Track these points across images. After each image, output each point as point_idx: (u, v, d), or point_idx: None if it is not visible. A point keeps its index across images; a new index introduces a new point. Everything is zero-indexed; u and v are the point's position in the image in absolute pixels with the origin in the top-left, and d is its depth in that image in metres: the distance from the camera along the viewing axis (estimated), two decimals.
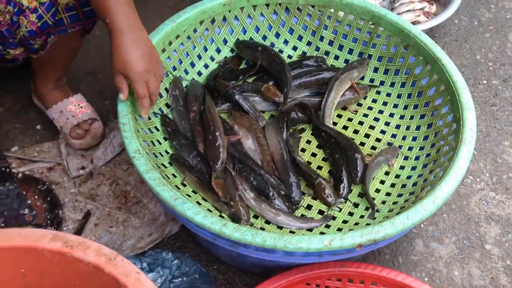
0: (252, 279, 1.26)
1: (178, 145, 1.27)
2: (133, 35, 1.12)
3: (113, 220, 1.33)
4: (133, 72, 1.11)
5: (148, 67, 1.13)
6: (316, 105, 1.39)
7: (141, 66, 1.12)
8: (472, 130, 1.15)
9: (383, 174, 1.28)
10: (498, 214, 1.42)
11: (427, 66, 1.35)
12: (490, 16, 1.99)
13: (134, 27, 1.14)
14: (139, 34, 1.14)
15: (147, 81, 1.14)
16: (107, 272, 0.97)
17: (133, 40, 1.12)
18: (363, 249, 1.02)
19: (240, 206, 1.15)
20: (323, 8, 1.47)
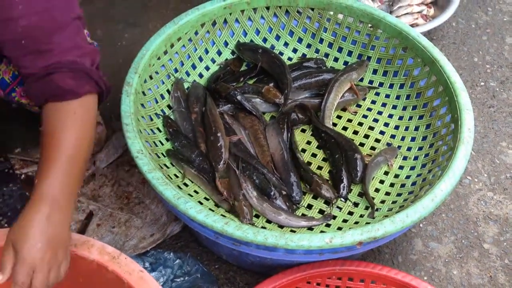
0: (253, 278, 1.28)
1: (180, 145, 1.28)
2: (53, 212, 0.86)
3: (115, 221, 1.34)
4: (25, 252, 0.82)
5: (48, 257, 0.84)
6: (316, 106, 1.40)
7: (40, 251, 0.83)
8: (470, 130, 1.17)
9: (382, 174, 1.30)
10: (496, 214, 1.44)
11: (426, 68, 1.36)
12: (488, 19, 2.01)
13: (61, 205, 0.87)
14: (61, 215, 0.87)
15: (35, 273, 0.83)
16: (111, 270, 0.98)
17: (49, 217, 0.85)
18: (363, 247, 1.03)
19: (244, 205, 1.17)
20: (322, 11, 1.49)
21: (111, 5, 1.98)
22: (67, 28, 0.95)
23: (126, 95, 1.21)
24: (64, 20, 0.95)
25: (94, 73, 0.98)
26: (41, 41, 0.93)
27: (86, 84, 0.96)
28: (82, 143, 0.94)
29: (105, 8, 1.54)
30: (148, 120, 1.29)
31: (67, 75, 0.94)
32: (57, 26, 0.94)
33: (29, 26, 0.92)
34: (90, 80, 0.97)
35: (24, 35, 0.92)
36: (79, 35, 0.99)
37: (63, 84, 0.93)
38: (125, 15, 1.94)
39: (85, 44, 1.00)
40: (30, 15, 0.91)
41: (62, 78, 0.94)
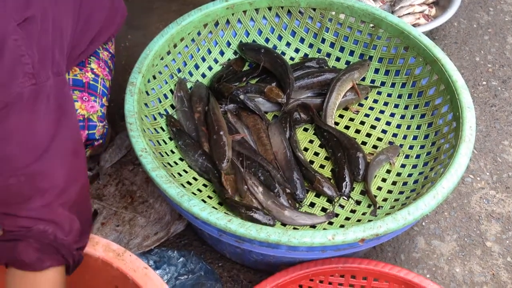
0: (256, 276, 1.28)
1: (183, 144, 1.29)
2: None
3: (119, 219, 1.35)
4: None
5: None
6: (318, 106, 1.41)
7: None
8: (472, 128, 1.18)
9: (384, 172, 1.30)
10: (498, 212, 1.44)
11: (427, 67, 1.37)
12: (489, 18, 2.01)
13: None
14: None
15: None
16: (116, 267, 0.99)
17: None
18: (365, 244, 1.04)
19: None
20: (324, 11, 1.50)
21: None
22: (47, 192, 0.87)
23: (130, 95, 1.22)
24: (45, 184, 0.87)
25: (64, 246, 0.88)
26: (14, 205, 0.86)
27: (49, 259, 0.87)
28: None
29: None
30: (151, 119, 1.30)
31: (32, 246, 0.85)
32: (34, 192, 0.86)
33: (3, 188, 0.86)
34: (55, 254, 0.88)
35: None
36: (63, 197, 0.89)
37: (25, 256, 0.85)
38: (128, 17, 1.93)
39: (63, 211, 0.89)
40: (7, 178, 0.85)
41: (25, 249, 0.85)
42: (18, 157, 0.86)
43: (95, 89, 1.21)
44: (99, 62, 1.26)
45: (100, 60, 1.27)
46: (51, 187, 0.88)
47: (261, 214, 1.16)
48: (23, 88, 0.86)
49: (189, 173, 1.28)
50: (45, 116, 0.89)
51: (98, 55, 1.27)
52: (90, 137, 1.16)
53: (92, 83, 1.21)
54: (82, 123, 1.15)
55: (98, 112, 1.19)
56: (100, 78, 1.24)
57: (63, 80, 0.95)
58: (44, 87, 0.89)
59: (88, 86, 1.20)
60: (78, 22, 1.09)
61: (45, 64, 0.90)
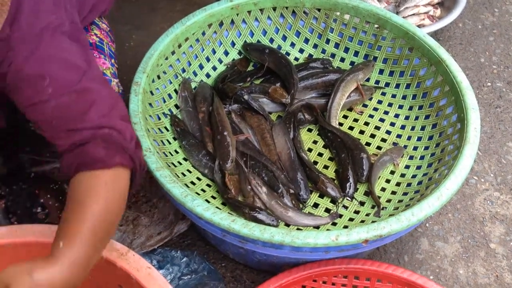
0: (259, 276, 1.28)
1: (187, 144, 1.30)
2: (64, 276, 0.82)
3: (123, 219, 1.35)
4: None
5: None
6: (322, 106, 1.41)
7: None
8: (476, 129, 1.17)
9: (388, 173, 1.30)
10: (502, 213, 1.44)
11: (432, 68, 1.37)
12: (494, 19, 2.01)
13: (74, 270, 0.83)
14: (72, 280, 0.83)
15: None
16: (119, 267, 0.99)
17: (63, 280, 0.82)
18: (369, 245, 1.03)
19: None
20: (329, 11, 1.50)
21: (119, 7, 1.99)
22: (100, 105, 0.91)
23: (135, 94, 1.22)
24: (96, 97, 0.91)
25: (129, 148, 0.91)
26: (73, 121, 0.90)
27: (118, 155, 0.89)
28: (108, 216, 0.88)
29: (112, 10, 1.56)
30: (155, 119, 1.31)
31: (100, 145, 0.88)
32: (89, 105, 0.90)
33: (59, 107, 0.90)
34: (123, 153, 0.90)
35: (55, 116, 0.90)
36: (115, 110, 0.93)
37: (94, 153, 0.88)
38: (133, 17, 1.95)
39: (120, 120, 0.93)
40: (59, 97, 0.89)
41: (94, 148, 0.88)
42: (65, 76, 0.91)
43: (102, 49, 1.23)
44: (101, 31, 1.28)
45: (101, 29, 1.29)
46: (102, 101, 0.92)
47: (265, 214, 1.16)
48: (49, 20, 0.92)
49: (193, 173, 1.28)
50: (75, 44, 0.95)
51: (98, 26, 1.29)
52: None
53: (99, 44, 1.23)
54: None
55: (110, 69, 1.20)
56: (105, 43, 1.26)
57: (80, 28, 1.00)
58: (64, 24, 0.95)
59: (96, 46, 1.22)
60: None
61: (60, 7, 0.96)
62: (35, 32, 0.90)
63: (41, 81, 0.89)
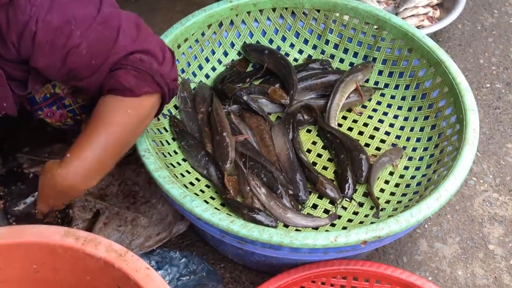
0: (258, 277, 1.28)
1: (187, 145, 1.30)
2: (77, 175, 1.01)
3: (122, 220, 1.35)
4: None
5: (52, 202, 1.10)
6: (321, 107, 1.41)
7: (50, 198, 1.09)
8: (475, 130, 1.17)
9: (387, 174, 1.30)
10: (501, 215, 1.44)
11: (431, 69, 1.37)
12: (493, 21, 2.01)
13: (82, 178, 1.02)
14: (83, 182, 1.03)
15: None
16: (118, 268, 0.99)
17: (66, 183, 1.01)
18: (367, 246, 1.03)
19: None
20: (328, 12, 1.50)
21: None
22: (125, 29, 0.96)
23: None
24: (119, 22, 0.96)
25: (158, 74, 0.98)
26: (107, 53, 0.95)
27: (146, 85, 0.97)
28: (121, 139, 0.99)
29: None
30: (155, 120, 1.31)
31: (131, 73, 0.96)
32: (117, 32, 0.95)
33: (91, 45, 0.94)
34: (152, 82, 0.98)
35: (91, 54, 0.95)
36: (140, 30, 0.99)
37: (124, 81, 0.95)
38: None
39: (150, 38, 1.00)
40: (88, 35, 0.93)
41: (124, 75, 0.95)
42: (84, 13, 0.94)
43: None
44: None
45: None
46: (125, 23, 0.97)
47: (264, 215, 1.16)
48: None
49: (192, 174, 1.28)
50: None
51: None
52: None
53: None
54: None
55: None
56: None
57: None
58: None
59: None
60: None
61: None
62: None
63: (68, 26, 0.92)
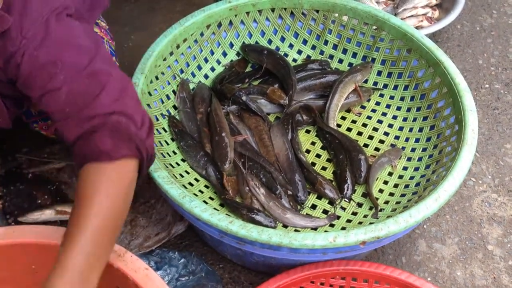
0: (257, 278, 1.28)
1: (186, 145, 1.30)
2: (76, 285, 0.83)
3: None
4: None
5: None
6: (320, 107, 1.41)
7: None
8: (474, 131, 1.17)
9: (386, 175, 1.30)
10: (500, 215, 1.44)
11: (430, 69, 1.37)
12: (492, 21, 2.01)
13: (84, 276, 0.84)
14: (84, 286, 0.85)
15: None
16: (116, 268, 0.99)
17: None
18: (366, 247, 1.03)
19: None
20: (327, 13, 1.50)
21: (118, 8, 2.00)
22: (110, 88, 0.92)
23: None
24: (107, 80, 0.92)
25: (137, 137, 0.91)
26: (86, 106, 0.90)
27: (124, 147, 0.89)
28: (113, 212, 0.88)
29: (112, 11, 1.57)
30: (154, 120, 1.31)
31: (107, 135, 0.89)
32: (100, 88, 0.91)
33: (71, 93, 0.91)
34: (130, 143, 0.90)
35: (68, 102, 0.91)
36: (126, 93, 0.94)
37: (101, 144, 0.88)
38: (132, 17, 1.96)
39: (132, 102, 0.94)
40: (71, 82, 0.90)
41: (101, 138, 0.89)
42: (75, 60, 0.92)
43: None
44: (100, 29, 1.29)
45: (100, 27, 1.29)
46: (112, 83, 0.93)
47: (263, 216, 1.16)
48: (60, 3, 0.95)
49: (191, 174, 1.28)
50: (81, 25, 0.98)
51: (97, 24, 1.29)
52: None
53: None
54: None
55: None
56: (106, 41, 1.26)
57: (86, 21, 1.04)
58: (70, 7, 0.98)
59: None
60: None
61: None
62: (44, 18, 0.92)
63: (53, 68, 0.90)
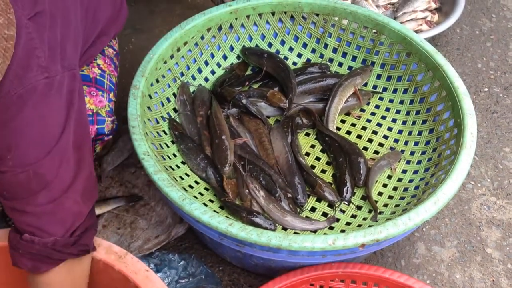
0: (256, 280, 1.29)
1: (186, 148, 1.30)
2: None
3: (121, 222, 1.36)
4: None
5: None
6: (320, 111, 1.42)
7: None
8: (473, 134, 1.18)
9: (385, 178, 1.31)
10: (499, 218, 1.44)
11: (429, 73, 1.38)
12: (492, 25, 2.02)
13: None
14: None
15: None
16: (117, 270, 1.00)
17: None
18: (365, 249, 1.04)
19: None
20: (327, 16, 1.51)
21: None
22: (51, 188, 0.89)
23: (133, 98, 1.23)
24: (52, 179, 0.89)
25: (55, 251, 0.91)
26: (21, 199, 0.89)
27: (44, 264, 0.92)
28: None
29: None
30: (154, 122, 1.31)
31: (25, 256, 0.92)
32: (42, 187, 0.89)
33: (13, 181, 0.88)
34: (48, 260, 0.92)
35: (6, 188, 0.89)
36: (67, 194, 0.92)
37: (21, 264, 0.92)
38: (132, 20, 1.96)
39: (69, 204, 0.92)
40: (17, 172, 0.87)
41: (19, 259, 0.92)
42: (30, 152, 0.87)
43: (102, 84, 1.21)
44: (104, 59, 1.27)
45: (105, 57, 1.27)
46: (58, 182, 0.90)
47: (262, 218, 1.16)
48: (37, 81, 0.86)
49: (191, 177, 1.28)
50: (57, 110, 0.90)
51: (103, 52, 1.28)
52: (100, 131, 1.16)
53: (99, 78, 1.21)
54: (91, 118, 1.15)
55: (106, 107, 1.19)
56: (107, 74, 1.24)
57: (74, 75, 0.95)
58: (55, 81, 0.90)
59: (95, 81, 1.20)
60: (87, 17, 1.10)
61: (55, 58, 0.91)
62: (16, 96, 0.85)
63: (5, 152, 0.87)
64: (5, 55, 0.76)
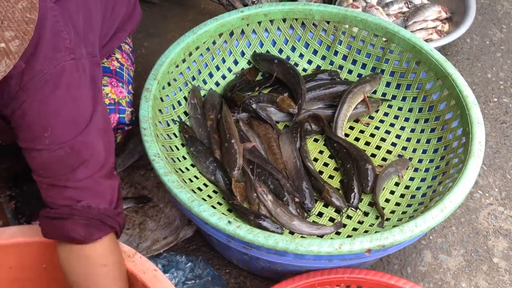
0: (262, 283, 1.30)
1: (195, 151, 1.32)
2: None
3: (130, 223, 1.37)
4: None
5: None
6: (329, 117, 1.43)
7: None
8: (481, 143, 1.18)
9: (393, 185, 1.31)
10: (506, 228, 1.44)
11: (438, 81, 1.38)
12: (502, 36, 2.02)
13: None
14: None
15: None
16: (126, 268, 1.01)
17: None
18: (372, 255, 1.05)
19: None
20: (338, 24, 1.52)
21: None
22: (89, 164, 0.93)
23: (145, 100, 1.25)
24: (89, 156, 0.93)
25: (108, 217, 0.94)
26: (60, 176, 0.92)
27: (97, 232, 0.94)
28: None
29: None
30: (165, 125, 1.33)
31: (79, 223, 0.92)
32: (79, 163, 0.92)
33: (51, 159, 0.91)
34: (103, 227, 0.94)
35: (45, 166, 0.92)
36: (102, 171, 0.95)
37: (74, 233, 0.92)
38: (145, 25, 1.99)
39: (105, 181, 0.96)
40: (54, 150, 0.90)
41: (73, 227, 0.92)
42: (64, 131, 0.92)
43: (121, 76, 1.25)
44: (122, 53, 1.31)
45: (123, 52, 1.32)
46: (94, 159, 0.94)
47: (270, 222, 1.17)
48: (65, 61, 0.91)
49: (200, 179, 1.30)
50: (86, 91, 0.95)
51: (120, 47, 1.32)
52: (121, 121, 1.19)
53: (119, 71, 1.25)
54: (113, 107, 1.18)
55: (126, 97, 1.22)
56: (125, 67, 1.28)
57: (96, 62, 1.00)
58: (79, 63, 0.94)
59: (115, 73, 1.24)
60: (106, 11, 1.14)
61: (79, 42, 0.96)
62: (49, 75, 0.89)
63: (42, 131, 0.90)
64: (23, 37, 0.79)
